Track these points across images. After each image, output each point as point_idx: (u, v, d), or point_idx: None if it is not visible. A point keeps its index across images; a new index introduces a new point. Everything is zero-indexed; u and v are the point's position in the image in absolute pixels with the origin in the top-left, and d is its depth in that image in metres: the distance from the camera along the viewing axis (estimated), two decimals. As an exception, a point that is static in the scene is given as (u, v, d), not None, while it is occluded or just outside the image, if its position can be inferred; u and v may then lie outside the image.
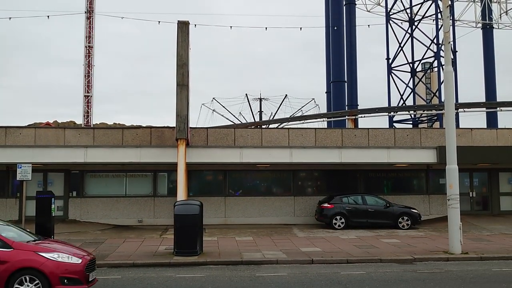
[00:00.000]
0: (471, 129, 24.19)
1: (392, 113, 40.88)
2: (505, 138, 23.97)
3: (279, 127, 37.11)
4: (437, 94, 43.65)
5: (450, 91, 15.79)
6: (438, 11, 41.51)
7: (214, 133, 22.97)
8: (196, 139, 22.26)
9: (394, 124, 43.36)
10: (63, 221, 22.20)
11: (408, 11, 46.68)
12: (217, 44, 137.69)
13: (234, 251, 15.71)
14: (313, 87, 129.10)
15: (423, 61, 48.00)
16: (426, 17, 45.37)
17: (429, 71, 52.24)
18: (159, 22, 56.67)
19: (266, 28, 53.32)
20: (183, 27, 20.11)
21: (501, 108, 37.74)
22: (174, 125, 20.32)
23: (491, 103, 41.39)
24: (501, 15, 52.80)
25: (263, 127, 36.78)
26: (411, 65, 46.32)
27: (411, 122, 45.22)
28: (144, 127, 23.05)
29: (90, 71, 54.22)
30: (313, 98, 60.24)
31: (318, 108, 58.39)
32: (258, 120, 56.74)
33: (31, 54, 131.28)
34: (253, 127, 33.89)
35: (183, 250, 14.56)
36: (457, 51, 45.03)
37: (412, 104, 45.36)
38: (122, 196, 23.48)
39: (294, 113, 58.02)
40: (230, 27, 70.56)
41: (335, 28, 45.12)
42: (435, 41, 42.71)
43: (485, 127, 39.44)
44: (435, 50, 42.81)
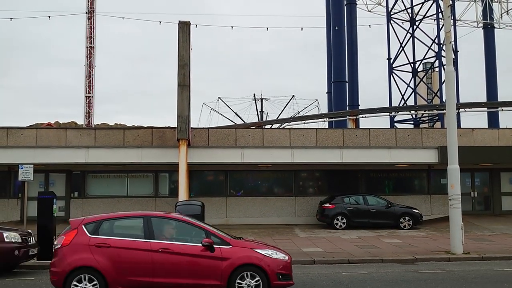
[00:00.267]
0: (472, 129, 24.19)
1: (393, 113, 40.83)
2: (506, 138, 23.96)
3: (280, 127, 37.11)
4: (438, 94, 43.59)
5: (452, 91, 15.78)
6: (439, 11, 41.48)
7: (215, 133, 22.99)
8: (197, 140, 22.27)
9: (395, 124, 43.31)
10: (65, 222, 22.17)
11: (409, 11, 46.62)
12: (218, 44, 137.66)
13: (235, 251, 15.67)
14: (314, 87, 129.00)
15: (424, 61, 47.93)
16: (427, 17, 45.31)
17: (430, 71, 52.18)
18: (160, 22, 56.85)
19: (267, 28, 53.41)
20: (184, 27, 20.14)
21: (502, 108, 37.67)
22: (175, 126, 20.35)
23: (492, 103, 41.32)
24: (502, 14, 52.75)
25: (266, 127, 36.73)
26: (412, 65, 46.28)
27: (412, 122, 45.16)
28: (145, 128, 23.10)
29: (91, 71, 54.31)
30: (316, 99, 59.96)
31: (318, 109, 58.14)
32: (260, 120, 56.68)
33: (31, 54, 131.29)
34: (254, 127, 33.84)
35: (185, 250, 14.53)
36: (458, 51, 44.99)
37: (413, 104, 45.34)
38: (124, 197, 23.49)
39: (294, 114, 57.86)
40: (231, 27, 70.80)
41: (336, 28, 45.10)
42: (436, 41, 42.64)
43: (486, 127, 39.42)
44: (436, 50, 42.76)
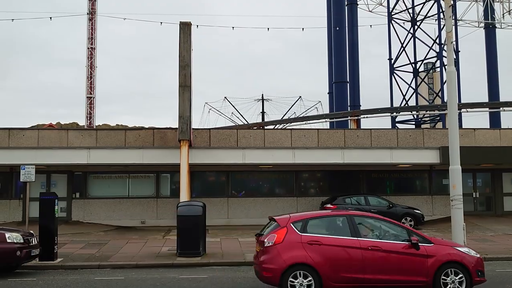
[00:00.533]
0: (474, 129, 24.16)
1: (394, 114, 40.83)
2: (508, 138, 23.92)
3: (279, 127, 37.09)
4: (439, 94, 43.60)
5: (453, 91, 15.73)
6: (440, 11, 41.48)
7: (216, 134, 22.98)
8: (199, 140, 22.27)
9: (397, 124, 43.31)
10: (67, 222, 22.24)
11: (410, 11, 46.63)
12: (219, 45, 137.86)
13: (237, 252, 15.69)
14: (315, 87, 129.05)
15: (425, 61, 47.92)
16: (428, 17, 45.31)
17: (431, 71, 52.18)
18: (161, 23, 56.68)
19: (268, 29, 53.19)
20: (185, 28, 20.14)
21: (504, 108, 37.63)
22: (177, 126, 20.36)
23: (494, 103, 41.29)
24: (503, 14, 52.74)
25: (269, 127, 36.73)
26: (413, 65, 46.27)
27: (413, 123, 45.16)
28: (147, 128, 23.10)
29: (93, 72, 54.43)
30: (319, 101, 59.94)
31: (317, 110, 58.05)
32: (261, 121, 56.64)
33: (33, 55, 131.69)
34: (255, 128, 33.83)
35: (186, 251, 14.56)
36: (459, 51, 44.96)
37: (414, 104, 45.35)
38: (125, 197, 23.50)
39: (290, 115, 57.82)
40: (232, 27, 70.84)
41: (337, 28, 45.12)
42: (437, 41, 42.65)
43: (488, 127, 39.39)
44: (437, 50, 42.77)
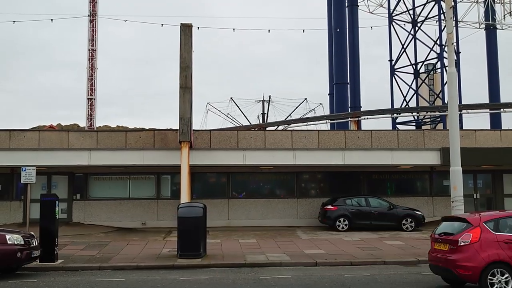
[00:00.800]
0: (475, 130, 24.15)
1: (395, 115, 40.86)
2: (509, 139, 23.90)
3: (279, 128, 37.10)
4: (440, 95, 43.59)
5: (454, 92, 15.76)
6: (441, 12, 41.48)
7: (217, 135, 22.98)
8: (200, 142, 22.28)
9: (397, 125, 43.27)
10: (67, 224, 22.24)
11: (411, 12, 46.64)
12: (220, 46, 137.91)
13: (237, 253, 15.70)
14: (316, 89, 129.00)
15: (426, 62, 47.98)
16: (429, 18, 45.32)
17: (432, 72, 52.18)
18: (162, 25, 56.73)
19: (269, 31, 53.07)
20: (186, 29, 20.16)
21: (505, 109, 37.68)
22: (177, 128, 20.37)
23: (494, 104, 41.31)
24: (504, 15, 52.83)
25: (270, 128, 36.70)
26: (414, 66, 46.27)
27: (414, 124, 45.14)
28: (147, 130, 23.12)
29: (93, 74, 54.42)
30: (321, 103, 59.74)
31: (314, 112, 58.09)
32: (262, 122, 56.68)
33: (33, 57, 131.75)
34: (256, 129, 33.84)
35: (187, 252, 14.56)
36: (460, 52, 44.96)
37: (415, 105, 45.34)
38: (126, 199, 23.50)
39: (286, 117, 57.83)
40: (233, 29, 70.76)
41: (338, 30, 45.18)
42: (438, 42, 42.64)
43: (489, 128, 39.38)
44: (438, 51, 42.75)
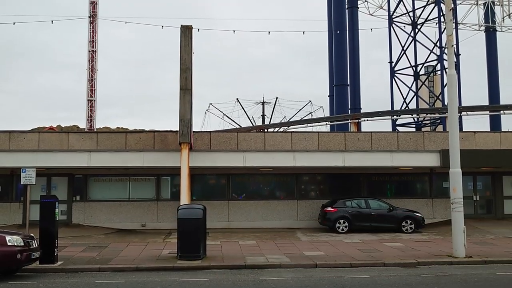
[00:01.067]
0: (474, 132, 24.17)
1: (395, 117, 40.88)
2: (508, 141, 23.92)
3: (281, 130, 37.12)
4: (440, 97, 43.63)
5: (453, 94, 15.79)
6: (441, 14, 41.54)
7: (217, 137, 23.00)
8: (199, 143, 22.29)
9: (397, 127, 43.31)
10: (67, 225, 22.24)
11: (411, 14, 46.71)
12: (220, 48, 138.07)
13: (237, 255, 15.69)
14: (316, 91, 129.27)
15: (426, 64, 48.03)
16: (429, 20, 45.42)
17: (432, 74, 52.24)
18: (162, 26, 56.62)
19: (269, 33, 52.96)
20: (186, 31, 20.21)
21: (504, 111, 37.72)
22: (177, 129, 20.38)
23: (494, 106, 41.38)
24: (504, 18, 52.94)
25: (270, 130, 36.75)
26: (414, 68, 46.35)
27: (414, 126, 45.17)
28: (147, 131, 23.13)
29: (93, 75, 54.44)
30: (321, 106, 60.39)
31: (311, 115, 58.26)
32: (261, 124, 56.77)
33: (33, 58, 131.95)
34: (255, 131, 33.89)
35: (187, 254, 14.56)
36: (460, 54, 45.06)
37: (415, 107, 45.37)
38: (126, 200, 23.49)
39: (282, 118, 58.20)
40: (233, 31, 70.67)
41: (338, 32, 45.25)
42: (438, 44, 42.70)
43: (488, 130, 39.42)
44: (438, 53, 42.81)
